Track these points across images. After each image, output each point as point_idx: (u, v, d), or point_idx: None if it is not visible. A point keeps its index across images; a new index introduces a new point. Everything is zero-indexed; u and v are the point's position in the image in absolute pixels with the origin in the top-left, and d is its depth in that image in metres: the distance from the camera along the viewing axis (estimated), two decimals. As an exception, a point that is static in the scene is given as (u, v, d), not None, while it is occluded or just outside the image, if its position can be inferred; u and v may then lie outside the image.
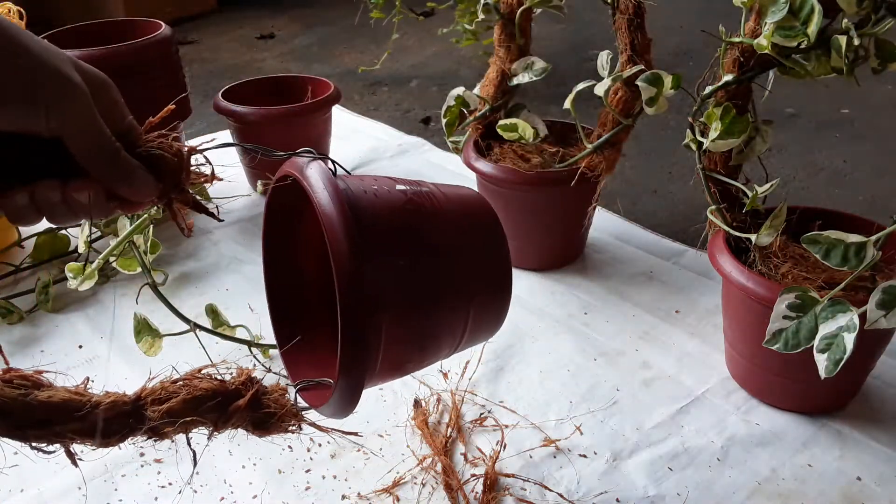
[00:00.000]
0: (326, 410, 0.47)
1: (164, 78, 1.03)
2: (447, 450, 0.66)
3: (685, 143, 0.71)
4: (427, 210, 0.49)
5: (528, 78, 0.89)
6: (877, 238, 0.57)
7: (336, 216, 0.43)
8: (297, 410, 0.44)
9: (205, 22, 2.42)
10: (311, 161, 0.47)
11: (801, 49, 0.61)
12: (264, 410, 0.42)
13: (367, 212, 0.45)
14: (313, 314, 0.57)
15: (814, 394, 0.68)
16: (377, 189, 0.48)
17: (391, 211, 0.47)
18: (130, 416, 0.39)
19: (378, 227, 0.45)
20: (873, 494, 0.61)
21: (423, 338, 0.48)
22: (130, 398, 0.40)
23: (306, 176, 0.46)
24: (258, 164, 1.13)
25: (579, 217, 0.90)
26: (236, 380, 0.42)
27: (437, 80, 1.80)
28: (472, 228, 0.51)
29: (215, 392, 0.41)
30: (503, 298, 0.53)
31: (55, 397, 0.37)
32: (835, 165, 1.28)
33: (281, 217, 0.56)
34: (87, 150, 0.39)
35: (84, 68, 0.40)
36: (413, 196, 0.49)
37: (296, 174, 0.47)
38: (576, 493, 0.62)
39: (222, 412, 0.41)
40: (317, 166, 0.46)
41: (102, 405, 0.38)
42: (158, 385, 0.40)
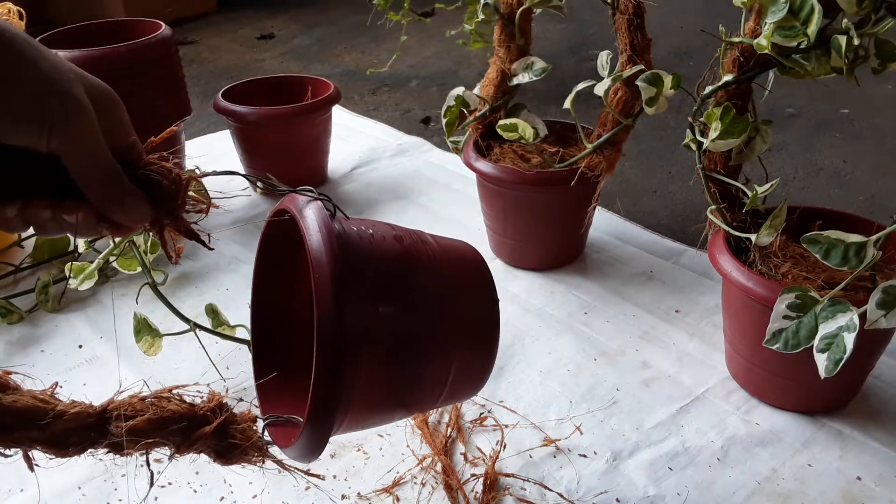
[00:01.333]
0: (292, 452, 0.46)
1: (164, 78, 1.03)
2: (447, 450, 0.66)
3: (685, 143, 0.71)
4: (421, 261, 0.49)
5: (528, 78, 0.89)
6: (877, 238, 0.57)
7: (325, 258, 0.42)
8: (263, 445, 0.43)
9: (205, 22, 2.42)
10: (311, 201, 0.47)
11: (801, 49, 0.61)
12: (229, 440, 0.41)
13: (359, 257, 0.45)
14: (298, 355, 0.57)
15: (814, 394, 0.68)
16: (373, 235, 0.47)
17: (383, 258, 0.47)
18: (93, 429, 0.38)
19: (367, 273, 0.45)
20: (873, 494, 0.61)
21: (401, 388, 0.48)
22: (96, 410, 0.39)
23: (304, 216, 0.45)
24: (258, 164, 1.13)
25: (579, 217, 0.90)
26: (206, 405, 0.41)
27: (437, 80, 1.80)
28: (464, 284, 0.51)
29: (182, 415, 0.40)
30: (488, 356, 0.52)
31: (19, 403, 0.37)
32: (835, 165, 1.28)
33: (276, 251, 0.55)
34: (83, 173, 0.39)
35: (93, 84, 0.39)
36: (409, 246, 0.49)
37: (294, 212, 0.47)
38: (576, 493, 0.62)
39: (186, 436, 0.40)
40: (315, 207, 0.46)
41: (66, 415, 0.37)
42: (126, 400, 0.40)
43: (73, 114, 0.37)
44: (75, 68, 0.39)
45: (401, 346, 0.46)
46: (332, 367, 0.42)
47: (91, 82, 0.39)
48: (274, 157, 1.13)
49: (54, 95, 0.36)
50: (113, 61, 0.97)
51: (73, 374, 0.77)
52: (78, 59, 0.95)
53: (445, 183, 1.19)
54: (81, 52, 0.96)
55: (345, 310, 0.42)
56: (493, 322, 0.52)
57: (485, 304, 0.52)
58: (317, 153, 1.18)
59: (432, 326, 0.48)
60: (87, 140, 0.38)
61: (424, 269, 0.48)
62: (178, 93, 1.07)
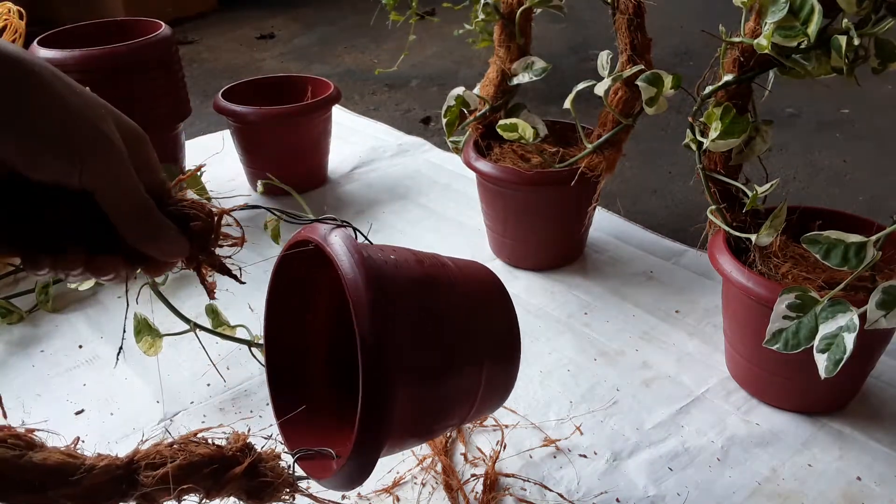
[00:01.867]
0: (332, 482, 0.47)
1: (164, 78, 1.03)
2: (447, 450, 0.66)
3: (685, 143, 0.71)
4: (443, 282, 0.50)
5: (528, 78, 0.89)
6: (877, 238, 0.57)
7: (362, 285, 0.43)
8: (293, 480, 0.43)
9: (205, 22, 2.42)
10: (335, 228, 0.47)
11: (801, 49, 0.61)
12: (260, 479, 0.41)
13: (388, 281, 0.46)
14: (314, 386, 0.57)
15: (814, 394, 0.68)
16: (396, 259, 0.48)
17: (410, 281, 0.48)
18: (123, 480, 0.38)
19: (398, 297, 0.46)
20: (873, 494, 0.61)
21: (438, 405, 0.49)
22: (123, 461, 0.39)
23: (330, 243, 0.46)
24: (258, 164, 1.13)
25: (579, 217, 0.90)
26: (233, 446, 0.41)
27: (437, 80, 1.80)
28: (484, 300, 0.53)
29: (212, 458, 0.40)
30: (512, 367, 0.54)
31: (50, 460, 0.36)
32: (835, 165, 1.28)
33: (288, 285, 0.55)
34: (119, 207, 0.38)
35: (122, 121, 0.39)
36: (429, 268, 0.50)
37: (318, 241, 0.47)
38: (576, 493, 0.62)
39: (217, 479, 0.39)
40: (341, 233, 0.46)
41: (96, 469, 0.37)
42: (152, 448, 0.39)
43: (104, 147, 0.36)
44: (105, 104, 0.38)
45: (433, 366, 0.47)
46: (377, 393, 0.43)
47: (120, 119, 0.39)
48: (274, 157, 1.13)
49: (85, 128, 0.36)
50: (113, 61, 0.97)
51: (73, 374, 0.77)
52: (78, 59, 0.95)
53: (445, 183, 1.19)
54: (81, 51, 0.96)
55: (384, 336, 0.43)
56: (515, 335, 0.54)
57: (506, 319, 0.53)
58: (317, 153, 1.18)
59: (461, 345, 0.49)
60: (120, 174, 0.37)
61: (447, 291, 0.50)
62: (178, 93, 1.07)
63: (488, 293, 0.53)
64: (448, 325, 0.49)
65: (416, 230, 1.05)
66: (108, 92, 1.05)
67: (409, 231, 1.05)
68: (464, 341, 0.49)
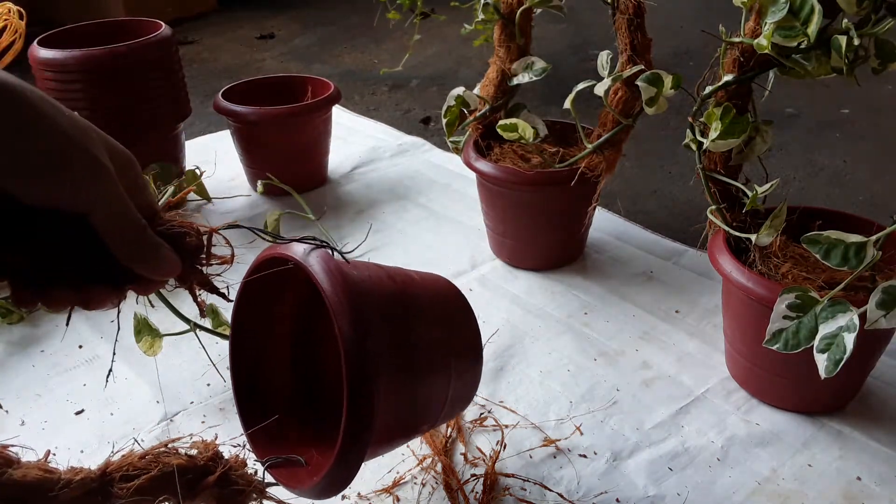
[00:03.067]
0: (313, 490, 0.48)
1: (164, 78, 1.03)
2: (447, 450, 0.66)
3: (685, 143, 0.71)
4: (414, 296, 0.53)
5: (528, 78, 0.89)
6: (877, 238, 0.57)
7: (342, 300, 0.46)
8: (263, 487, 0.44)
9: (205, 22, 2.42)
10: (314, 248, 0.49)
11: (801, 49, 0.61)
12: (231, 487, 0.42)
13: (365, 296, 0.48)
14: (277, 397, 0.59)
15: (814, 394, 0.68)
16: (370, 276, 0.51)
17: (382, 293, 0.51)
18: (98, 493, 0.39)
19: (372, 308, 0.48)
20: (873, 494, 0.61)
21: (414, 408, 0.52)
22: (96, 474, 0.39)
23: (309, 263, 0.48)
24: (258, 164, 1.13)
25: (579, 217, 0.90)
26: (204, 455, 0.42)
27: (437, 80, 1.80)
28: (448, 308, 0.56)
29: (184, 468, 0.40)
30: (476, 369, 0.58)
31: (29, 476, 0.37)
32: (835, 165, 1.28)
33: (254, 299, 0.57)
34: (113, 228, 0.38)
35: (111, 145, 0.39)
36: (401, 284, 0.53)
37: (297, 260, 0.49)
38: (576, 493, 0.62)
39: (190, 489, 0.40)
40: (319, 253, 0.48)
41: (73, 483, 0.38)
42: (124, 459, 0.40)
43: (96, 170, 0.37)
44: (95, 128, 0.38)
45: (408, 372, 0.50)
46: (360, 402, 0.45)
47: (109, 142, 0.39)
48: (274, 157, 1.13)
49: (76, 151, 0.36)
50: (113, 61, 0.97)
51: (73, 374, 0.77)
52: (78, 59, 0.95)
53: (445, 183, 1.19)
54: (81, 51, 0.96)
55: (367, 349, 0.45)
56: (477, 339, 0.58)
57: (468, 324, 0.57)
58: (317, 153, 1.18)
59: (432, 352, 0.52)
60: (112, 196, 0.38)
61: (418, 303, 0.53)
62: (178, 93, 1.07)
63: (452, 301, 0.57)
64: (417, 329, 0.52)
65: (416, 230, 1.05)
66: (108, 92, 1.06)
67: (409, 231, 1.05)
68: (433, 344, 0.53)
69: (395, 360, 0.49)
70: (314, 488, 0.48)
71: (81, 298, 0.40)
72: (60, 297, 0.39)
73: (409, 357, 0.50)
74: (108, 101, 0.98)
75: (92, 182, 0.37)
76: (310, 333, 0.61)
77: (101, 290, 0.40)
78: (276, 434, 0.55)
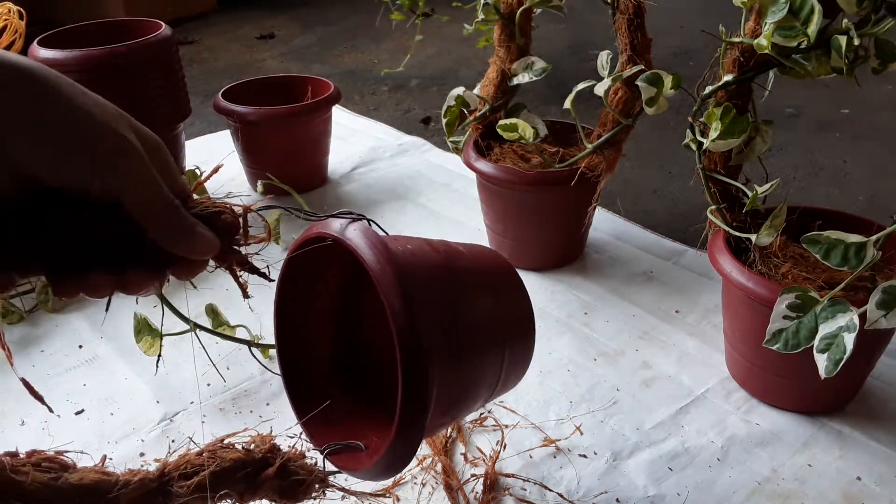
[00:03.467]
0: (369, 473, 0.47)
1: (164, 78, 1.03)
2: (447, 450, 0.66)
3: (685, 143, 0.71)
4: (458, 266, 0.51)
5: (528, 78, 0.89)
6: (877, 238, 0.57)
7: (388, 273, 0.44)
8: (325, 475, 0.43)
9: (205, 22, 2.42)
10: (350, 222, 0.47)
11: (801, 49, 0.61)
12: (292, 478, 0.41)
13: (411, 270, 0.46)
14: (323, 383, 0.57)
15: (814, 394, 0.68)
16: (412, 249, 0.49)
17: (429, 267, 0.49)
18: (158, 493, 0.38)
19: (420, 282, 0.46)
20: (873, 494, 0.61)
21: (467, 384, 0.50)
22: (155, 475, 0.39)
23: (350, 238, 0.46)
24: (258, 164, 1.13)
25: (579, 217, 0.90)
26: (261, 448, 0.41)
27: (437, 80, 1.80)
28: (497, 280, 0.54)
29: (244, 463, 0.40)
30: (530, 343, 0.56)
31: (85, 479, 0.37)
32: (835, 165, 1.28)
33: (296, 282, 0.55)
34: (146, 208, 0.38)
35: (139, 128, 0.39)
36: (445, 255, 0.51)
37: (336, 236, 0.47)
38: (576, 493, 0.62)
39: (250, 483, 0.40)
40: (359, 227, 0.47)
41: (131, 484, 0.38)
42: (181, 458, 0.40)
43: (127, 151, 0.36)
44: (121, 111, 0.38)
45: (460, 346, 0.48)
46: (416, 379, 0.43)
47: (136, 125, 0.38)
48: (274, 157, 1.13)
49: (106, 133, 0.35)
50: (113, 61, 0.96)
51: (73, 375, 0.77)
52: (78, 59, 0.95)
53: (445, 183, 1.19)
54: (81, 51, 0.96)
55: (417, 323, 0.43)
56: (529, 311, 0.56)
57: (519, 297, 0.55)
58: (317, 153, 1.18)
59: (483, 325, 0.51)
60: (143, 174, 0.37)
61: (465, 276, 0.51)
62: (178, 93, 1.07)
63: (501, 274, 0.55)
64: (468, 304, 0.50)
65: (416, 230, 1.05)
66: (109, 92, 1.05)
67: (409, 231, 1.05)
68: (484, 319, 0.51)
69: (447, 334, 0.47)
70: (373, 469, 0.47)
71: (120, 283, 0.39)
72: (99, 284, 0.38)
73: (461, 331, 0.48)
74: (107, 101, 0.98)
75: (122, 162, 0.36)
76: (351, 309, 0.59)
77: (141, 273, 0.39)
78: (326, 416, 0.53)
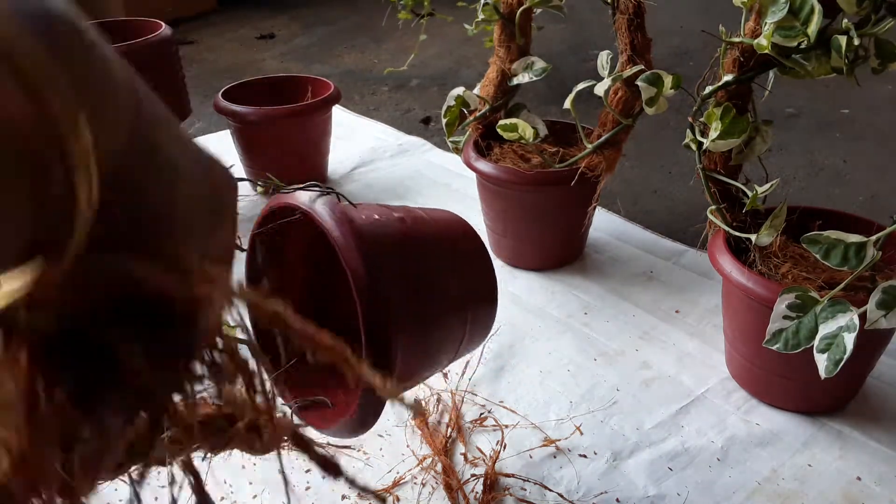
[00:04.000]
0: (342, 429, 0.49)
1: (164, 78, 1.03)
2: (447, 450, 0.66)
3: (685, 143, 0.71)
4: (421, 232, 0.53)
5: (528, 78, 0.89)
6: (877, 238, 0.57)
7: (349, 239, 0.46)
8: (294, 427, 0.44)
9: (205, 22, 2.42)
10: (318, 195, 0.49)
11: (801, 49, 0.61)
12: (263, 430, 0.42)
13: (372, 236, 0.48)
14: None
15: (814, 394, 0.68)
16: (377, 217, 0.51)
17: (392, 235, 0.50)
18: None
19: (384, 249, 0.48)
20: (873, 494, 0.61)
21: (430, 349, 0.52)
22: None
23: (317, 211, 0.48)
24: (258, 164, 1.13)
25: (579, 217, 0.90)
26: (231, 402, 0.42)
27: (437, 80, 1.80)
28: (460, 246, 0.56)
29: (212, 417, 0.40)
30: (492, 307, 0.58)
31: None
32: (835, 165, 1.28)
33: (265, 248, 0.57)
34: None
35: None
36: (410, 223, 0.53)
37: (305, 208, 0.49)
38: (576, 493, 0.62)
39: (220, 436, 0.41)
40: (326, 200, 0.49)
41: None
42: None
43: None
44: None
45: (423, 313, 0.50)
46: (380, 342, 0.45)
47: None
48: (274, 157, 1.13)
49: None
50: (113, 61, 0.96)
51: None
52: (78, 59, 0.95)
53: (445, 183, 1.19)
54: (81, 52, 0.96)
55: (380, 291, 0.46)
56: (492, 275, 0.57)
57: (482, 262, 0.57)
58: (317, 153, 1.18)
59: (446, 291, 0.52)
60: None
61: (427, 239, 0.53)
62: (178, 93, 1.07)
63: (465, 239, 0.57)
64: (430, 270, 0.52)
65: (416, 230, 1.05)
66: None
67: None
68: (447, 283, 0.53)
69: (411, 302, 0.49)
70: (340, 426, 0.49)
71: None
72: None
73: (424, 297, 0.50)
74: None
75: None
76: (322, 278, 0.61)
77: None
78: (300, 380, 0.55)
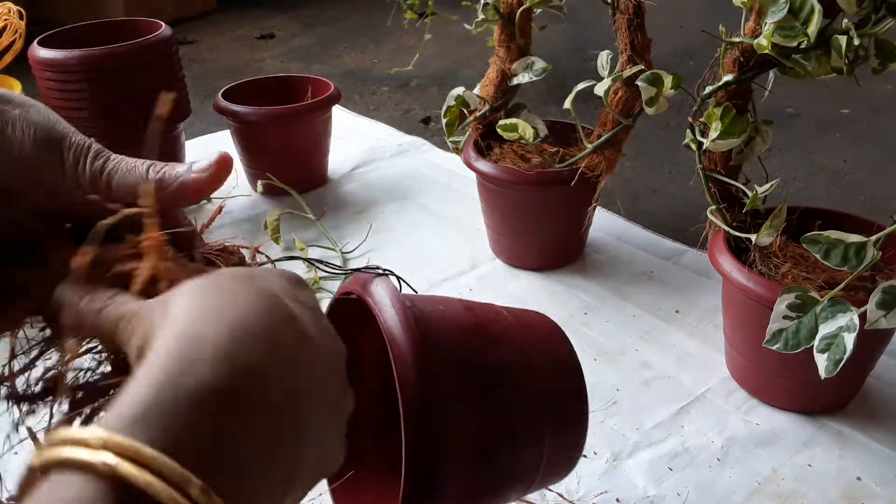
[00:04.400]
0: None
1: (164, 78, 1.03)
2: (447, 450, 0.66)
3: (685, 143, 0.71)
4: (496, 333, 0.44)
5: (528, 78, 0.89)
6: (877, 238, 0.57)
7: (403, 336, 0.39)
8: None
9: (205, 22, 2.42)
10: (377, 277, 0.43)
11: (801, 49, 0.61)
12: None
13: (435, 332, 0.41)
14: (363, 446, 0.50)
15: (814, 394, 0.68)
16: (444, 309, 0.44)
17: (459, 332, 0.43)
18: None
19: (445, 349, 0.41)
20: (873, 494, 0.61)
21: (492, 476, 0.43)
22: None
23: (371, 293, 0.42)
24: (258, 164, 1.13)
25: (579, 217, 0.90)
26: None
27: (437, 80, 1.80)
28: (543, 355, 0.47)
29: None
30: (579, 434, 0.48)
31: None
32: (835, 165, 1.28)
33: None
34: None
35: None
36: (481, 317, 0.45)
37: (359, 291, 0.43)
38: (576, 493, 0.62)
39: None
40: (383, 282, 0.42)
41: None
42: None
43: None
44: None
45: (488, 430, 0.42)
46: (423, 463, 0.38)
47: None
48: (274, 157, 1.13)
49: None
50: (113, 61, 0.96)
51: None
52: (78, 59, 0.95)
53: (445, 183, 1.19)
54: (81, 51, 0.96)
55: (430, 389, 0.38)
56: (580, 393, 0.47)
57: (569, 374, 0.47)
58: (317, 153, 1.18)
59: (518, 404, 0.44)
60: None
61: (501, 342, 0.44)
62: (178, 93, 1.07)
63: (547, 346, 0.47)
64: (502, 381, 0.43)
65: (416, 230, 1.05)
66: (109, 92, 1.06)
67: (409, 231, 1.05)
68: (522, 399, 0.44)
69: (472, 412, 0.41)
70: None
71: None
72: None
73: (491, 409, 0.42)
74: (107, 101, 0.98)
75: None
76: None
77: None
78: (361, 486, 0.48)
